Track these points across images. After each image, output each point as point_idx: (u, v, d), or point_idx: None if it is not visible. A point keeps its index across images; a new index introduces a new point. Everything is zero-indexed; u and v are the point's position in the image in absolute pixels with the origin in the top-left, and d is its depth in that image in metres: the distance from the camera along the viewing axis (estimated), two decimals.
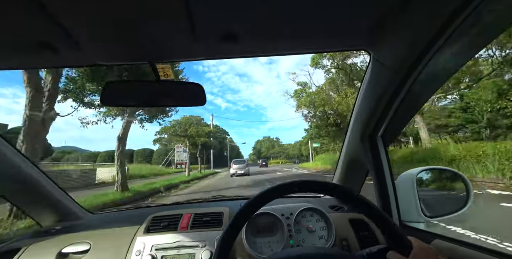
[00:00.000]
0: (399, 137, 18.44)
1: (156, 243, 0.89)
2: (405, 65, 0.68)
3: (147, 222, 1.01)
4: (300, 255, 0.52)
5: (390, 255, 0.48)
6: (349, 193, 0.52)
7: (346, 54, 15.16)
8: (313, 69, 20.34)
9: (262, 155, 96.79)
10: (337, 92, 17.28)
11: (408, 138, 21.80)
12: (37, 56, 0.68)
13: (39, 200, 1.11)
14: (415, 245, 0.47)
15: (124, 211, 1.40)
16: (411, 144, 21.21)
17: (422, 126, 14.35)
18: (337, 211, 1.11)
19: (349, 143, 1.10)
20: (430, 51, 0.61)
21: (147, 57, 0.70)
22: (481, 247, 0.64)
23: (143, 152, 44.05)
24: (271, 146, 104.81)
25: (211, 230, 0.95)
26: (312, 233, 0.97)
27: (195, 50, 0.68)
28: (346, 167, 1.20)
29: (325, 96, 17.59)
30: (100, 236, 0.98)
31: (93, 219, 1.24)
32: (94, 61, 0.72)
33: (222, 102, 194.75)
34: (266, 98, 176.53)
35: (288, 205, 1.06)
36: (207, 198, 1.47)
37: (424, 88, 0.79)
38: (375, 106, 0.86)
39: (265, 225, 0.98)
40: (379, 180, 0.96)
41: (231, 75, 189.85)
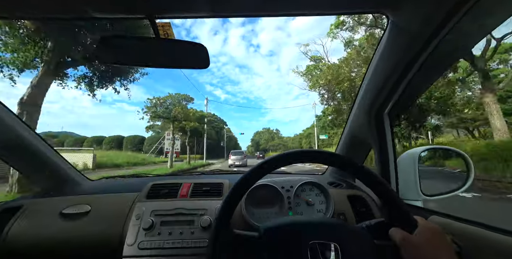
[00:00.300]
0: (413, 132, 14.91)
1: (156, 209, 0.90)
2: (427, 31, 0.62)
3: (147, 189, 1.01)
4: (295, 223, 0.52)
5: (393, 231, 0.47)
6: (357, 165, 0.50)
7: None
8: (330, 40, 17.29)
9: (261, 147, 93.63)
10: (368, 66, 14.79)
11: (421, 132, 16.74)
12: (25, 3, 0.61)
13: (40, 165, 1.11)
14: (420, 223, 0.47)
15: (123, 178, 1.41)
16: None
17: (495, 109, 9.36)
18: (335, 187, 1.11)
19: (355, 118, 1.07)
20: (454, 15, 0.56)
21: (145, 10, 0.64)
22: (475, 222, 0.64)
23: (133, 140, 39.96)
24: (271, 138, 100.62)
25: (211, 199, 0.96)
26: (311, 206, 0.98)
27: (199, 4, 0.62)
28: (349, 142, 1.18)
29: (350, 68, 13.57)
30: (100, 200, 0.99)
31: (92, 185, 1.25)
32: (87, 14, 0.66)
33: (222, 93, 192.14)
34: (265, 90, 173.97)
35: (289, 178, 1.06)
36: (207, 171, 1.49)
37: (441, 60, 0.74)
38: (386, 79, 0.81)
39: (265, 197, 0.99)
40: (382, 158, 0.95)
41: (231, 66, 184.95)
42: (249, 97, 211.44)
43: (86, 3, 0.60)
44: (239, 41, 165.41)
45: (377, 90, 0.87)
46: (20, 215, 0.89)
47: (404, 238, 0.45)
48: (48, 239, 0.85)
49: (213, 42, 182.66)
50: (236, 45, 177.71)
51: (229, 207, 0.48)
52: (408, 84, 0.80)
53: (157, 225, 0.85)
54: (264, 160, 0.50)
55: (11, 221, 0.87)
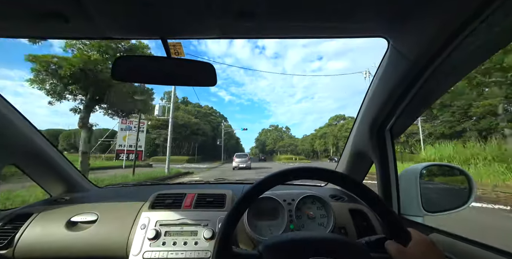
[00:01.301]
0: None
1: (161, 219, 0.93)
2: (425, 56, 0.65)
3: (152, 199, 1.04)
4: (295, 240, 0.53)
5: (388, 244, 0.49)
6: (355, 182, 0.52)
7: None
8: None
9: (268, 148, 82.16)
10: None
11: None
12: (46, 25, 0.67)
13: (49, 171, 1.15)
14: (414, 236, 0.48)
15: (129, 187, 1.44)
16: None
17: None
18: (337, 200, 1.12)
19: (357, 134, 1.09)
20: (453, 42, 0.58)
21: (159, 32, 0.69)
22: (478, 243, 0.64)
23: (70, 135, 28.26)
24: (279, 137, 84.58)
25: (214, 210, 0.98)
26: (312, 219, 0.99)
27: (209, 27, 0.66)
28: (351, 157, 1.20)
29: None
30: (107, 208, 1.02)
31: (99, 192, 1.29)
32: (105, 34, 0.71)
33: (226, 94, 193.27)
34: (270, 93, 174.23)
35: (291, 192, 1.07)
36: (210, 181, 1.51)
37: (440, 82, 0.76)
38: (387, 98, 0.84)
39: (267, 209, 1.00)
40: (383, 173, 0.96)
41: (236, 68, 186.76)
42: (253, 99, 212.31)
43: (107, 26, 0.65)
44: (245, 43, 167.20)
45: (378, 108, 0.89)
46: (31, 222, 0.92)
47: (398, 250, 0.46)
48: (56, 247, 0.88)
49: (219, 44, 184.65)
50: (241, 47, 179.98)
51: (232, 222, 0.49)
52: (410, 102, 0.82)
53: (161, 235, 0.87)
54: (263, 178, 0.52)
55: (22, 228, 0.90)
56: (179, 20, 0.64)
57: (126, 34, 0.72)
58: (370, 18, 0.63)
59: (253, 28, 0.68)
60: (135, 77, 0.72)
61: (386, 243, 0.49)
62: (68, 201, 1.09)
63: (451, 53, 0.61)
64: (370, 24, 0.66)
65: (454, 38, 0.57)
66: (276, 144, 79.09)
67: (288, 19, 0.63)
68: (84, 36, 0.74)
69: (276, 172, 0.51)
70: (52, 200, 1.11)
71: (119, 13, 0.61)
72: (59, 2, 0.57)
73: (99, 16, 0.61)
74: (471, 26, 0.53)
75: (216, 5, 0.57)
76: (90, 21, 0.63)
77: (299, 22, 0.66)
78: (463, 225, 2.05)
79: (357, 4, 0.57)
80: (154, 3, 0.57)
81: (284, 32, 0.71)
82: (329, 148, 56.15)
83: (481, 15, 0.49)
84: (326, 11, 0.60)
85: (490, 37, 0.57)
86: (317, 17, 0.63)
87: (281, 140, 79.81)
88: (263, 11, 0.59)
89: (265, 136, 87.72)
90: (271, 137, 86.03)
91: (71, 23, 0.64)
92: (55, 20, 0.62)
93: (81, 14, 0.60)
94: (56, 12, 0.60)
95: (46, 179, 1.18)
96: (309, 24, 0.66)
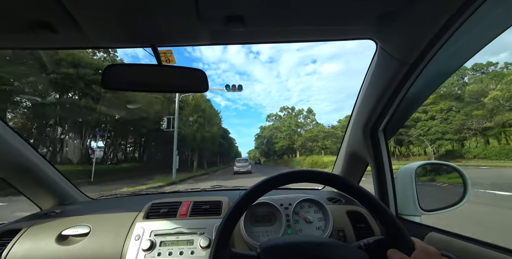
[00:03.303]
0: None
1: (155, 229, 0.90)
2: (412, 56, 0.66)
3: (146, 208, 1.02)
4: (294, 243, 0.52)
5: (391, 252, 0.47)
6: (353, 185, 0.52)
7: None
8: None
9: (277, 147, 45.26)
10: None
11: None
12: (35, 36, 0.66)
13: (39, 183, 1.12)
14: (417, 245, 0.47)
15: (123, 197, 1.41)
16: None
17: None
18: (334, 203, 1.12)
19: (351, 136, 1.10)
20: (438, 42, 0.60)
21: (149, 40, 0.69)
22: (475, 240, 0.64)
23: None
24: (294, 130, 43.79)
25: (210, 218, 0.96)
26: (309, 223, 0.98)
27: (199, 34, 0.66)
28: (346, 159, 1.20)
29: None
30: (100, 220, 0.99)
31: (92, 204, 1.25)
32: (94, 43, 0.70)
33: (222, 100, 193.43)
34: (265, 97, 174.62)
35: (287, 196, 1.06)
36: (206, 188, 1.49)
37: (429, 81, 0.78)
38: (378, 99, 0.85)
39: (264, 214, 0.99)
40: (379, 174, 0.96)
41: (231, 73, 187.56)
42: (249, 104, 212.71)
43: (96, 36, 0.65)
44: (239, 48, 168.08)
45: (370, 108, 0.90)
46: (20, 238, 0.89)
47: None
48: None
49: (213, 50, 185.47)
50: (236, 52, 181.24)
51: (227, 230, 0.48)
52: (400, 102, 0.83)
53: (156, 246, 0.85)
54: (259, 182, 0.52)
55: (10, 245, 0.87)
56: (169, 28, 0.64)
57: (116, 43, 0.72)
58: (357, 21, 0.64)
59: (243, 34, 0.68)
60: (126, 86, 0.71)
61: (389, 252, 0.48)
62: (59, 214, 1.06)
63: (437, 53, 0.63)
64: (358, 27, 0.67)
65: (438, 38, 0.59)
66: (293, 139, 42.27)
67: (277, 24, 0.64)
68: (73, 46, 0.73)
69: (268, 178, 0.51)
70: (42, 214, 1.07)
71: (108, 22, 0.61)
72: (46, 12, 0.56)
73: (87, 25, 0.61)
74: (454, 27, 0.54)
75: (205, 12, 0.57)
76: (78, 31, 0.62)
77: (289, 27, 0.66)
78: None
79: (344, 8, 0.59)
80: (143, 12, 0.57)
81: (274, 36, 0.71)
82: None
83: (463, 15, 0.51)
84: (315, 15, 0.61)
85: (472, 36, 0.58)
86: (306, 22, 0.64)
87: (308, 131, 40.63)
88: (252, 16, 0.60)
89: (269, 131, 50.16)
90: (285, 126, 45.44)
91: (60, 33, 0.64)
92: (43, 30, 0.61)
93: (70, 23, 0.59)
94: (43, 22, 0.59)
95: (36, 192, 1.15)
96: (298, 28, 0.67)
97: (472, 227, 3.25)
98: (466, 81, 29.79)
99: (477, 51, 0.67)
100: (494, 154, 20.45)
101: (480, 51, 0.66)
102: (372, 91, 0.86)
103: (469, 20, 0.52)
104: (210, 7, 0.56)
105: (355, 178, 1.21)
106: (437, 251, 0.46)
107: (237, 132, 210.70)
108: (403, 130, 26.23)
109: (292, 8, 0.58)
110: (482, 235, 0.74)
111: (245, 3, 0.55)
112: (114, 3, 0.53)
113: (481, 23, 0.54)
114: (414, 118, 26.10)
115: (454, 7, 0.51)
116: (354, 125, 1.04)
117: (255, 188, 0.51)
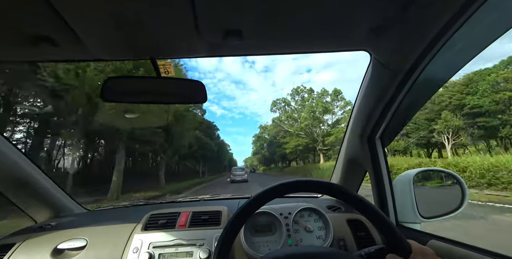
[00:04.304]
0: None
1: (154, 241, 0.89)
2: (405, 66, 0.68)
3: (145, 220, 1.00)
4: (295, 254, 0.52)
5: (389, 257, 0.48)
6: (351, 194, 0.52)
7: None
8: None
9: (288, 148, 31.30)
10: None
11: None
12: (36, 49, 0.67)
13: (34, 195, 1.10)
14: (414, 248, 0.48)
15: (121, 208, 1.39)
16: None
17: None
18: (334, 211, 1.11)
19: (348, 144, 1.11)
20: (429, 53, 0.62)
21: (149, 53, 0.70)
22: (476, 248, 0.64)
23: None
24: (319, 114, 27.08)
25: (209, 228, 0.95)
26: (310, 233, 0.97)
27: (197, 47, 0.68)
28: (344, 167, 1.20)
29: None
30: (97, 232, 0.97)
31: (89, 215, 1.23)
32: (95, 56, 0.72)
33: (218, 108, 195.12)
34: (261, 106, 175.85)
35: (287, 205, 1.06)
36: (205, 197, 1.47)
37: (423, 90, 0.80)
38: (374, 107, 0.86)
39: (264, 224, 0.98)
40: (377, 181, 0.97)
41: (227, 82, 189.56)
42: (245, 112, 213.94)
43: (96, 49, 0.66)
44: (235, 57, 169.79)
45: (366, 117, 0.92)
46: (13, 253, 0.86)
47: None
48: None
49: (210, 59, 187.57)
50: (232, 62, 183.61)
51: (227, 241, 0.48)
52: (396, 110, 0.85)
53: (155, 258, 0.83)
54: (259, 192, 0.52)
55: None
56: (168, 41, 0.65)
57: (116, 56, 0.73)
58: (351, 33, 0.66)
59: (240, 46, 0.70)
60: (125, 98, 0.72)
61: (387, 257, 0.49)
62: (54, 227, 1.04)
63: (429, 63, 0.65)
64: (352, 39, 0.70)
65: (430, 49, 0.61)
66: (317, 132, 28.02)
67: (274, 37, 0.66)
68: (73, 58, 0.74)
69: (268, 188, 0.51)
70: (37, 227, 1.04)
71: (109, 36, 0.62)
72: (48, 26, 0.57)
73: (88, 39, 0.62)
74: (445, 38, 0.56)
75: (203, 26, 0.59)
76: (79, 44, 0.63)
77: (286, 39, 0.68)
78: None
79: (339, 22, 0.61)
80: (143, 26, 0.58)
81: (271, 49, 0.73)
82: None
83: (453, 27, 0.53)
84: (310, 28, 0.63)
85: (463, 46, 0.61)
86: (302, 34, 0.66)
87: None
88: (250, 30, 0.62)
89: (274, 127, 36.93)
90: (304, 113, 28.80)
91: (60, 47, 0.65)
92: (44, 44, 0.62)
93: (71, 37, 0.60)
94: (45, 36, 0.60)
95: (31, 204, 1.12)
96: (295, 40, 0.70)
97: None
98: None
99: (469, 60, 0.69)
100: None
101: (472, 59, 0.69)
102: (367, 99, 0.87)
103: (459, 31, 0.54)
104: (209, 21, 0.58)
105: (354, 186, 1.21)
106: (433, 252, 0.47)
107: (233, 141, 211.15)
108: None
109: (289, 21, 0.60)
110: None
111: (243, 17, 0.57)
112: (114, 18, 0.55)
113: (471, 34, 0.56)
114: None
115: (443, 21, 0.53)
116: (351, 133, 1.05)
117: (256, 197, 0.51)
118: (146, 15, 0.55)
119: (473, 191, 6.66)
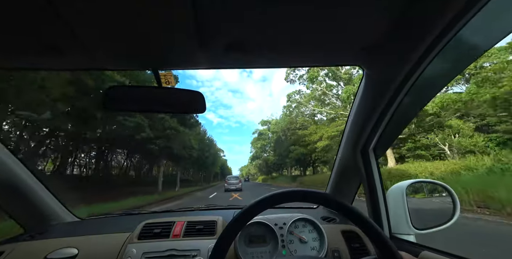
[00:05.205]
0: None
1: (148, 251, 0.87)
2: (395, 82, 0.72)
3: (139, 229, 0.99)
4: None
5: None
6: (344, 205, 0.53)
7: None
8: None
9: (309, 143, 21.10)
10: None
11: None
12: (42, 58, 0.69)
13: (25, 203, 1.07)
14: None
15: (114, 217, 1.36)
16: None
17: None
18: (329, 222, 1.11)
19: (343, 155, 1.13)
20: (419, 68, 0.66)
21: (151, 64, 0.72)
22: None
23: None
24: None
25: (204, 238, 0.94)
26: (304, 243, 0.97)
27: (198, 59, 0.70)
28: (339, 178, 1.22)
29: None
30: (89, 242, 0.95)
31: (81, 224, 1.20)
32: (99, 66, 0.74)
33: (215, 117, 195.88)
34: (258, 114, 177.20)
35: (282, 215, 1.06)
36: (200, 207, 1.46)
37: (413, 103, 0.84)
38: (367, 120, 0.90)
39: (258, 234, 0.98)
40: (371, 192, 0.98)
41: (224, 90, 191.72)
42: (242, 121, 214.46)
43: (101, 59, 0.69)
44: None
45: (360, 129, 0.95)
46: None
47: None
48: None
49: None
50: (230, 71, 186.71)
51: (221, 252, 0.47)
52: (389, 122, 0.88)
53: None
54: (253, 202, 0.52)
55: None
56: (170, 53, 0.68)
57: (120, 66, 0.76)
58: (346, 51, 0.71)
59: (242, 59, 0.73)
60: (127, 107, 0.74)
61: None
62: (44, 236, 1.01)
63: (418, 78, 0.69)
64: (346, 56, 0.74)
65: (419, 65, 0.65)
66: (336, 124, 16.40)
67: (275, 51, 0.69)
68: (78, 67, 0.76)
69: (262, 198, 0.52)
70: (26, 235, 1.02)
71: (115, 46, 0.64)
72: (55, 36, 0.59)
73: (93, 49, 0.64)
74: (433, 54, 0.60)
75: (205, 39, 0.62)
76: (84, 54, 0.66)
77: (286, 54, 0.72)
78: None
79: (334, 41, 0.65)
80: (147, 38, 0.61)
81: (271, 62, 0.77)
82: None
83: (440, 43, 0.57)
84: (309, 44, 0.67)
85: (452, 60, 0.65)
86: (299, 50, 0.70)
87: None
88: (251, 44, 0.65)
89: (286, 116, 28.41)
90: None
91: (66, 56, 0.67)
92: (50, 52, 0.64)
93: (76, 47, 0.62)
94: (51, 45, 0.62)
95: (21, 211, 1.10)
96: (295, 55, 0.73)
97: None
98: None
99: (459, 73, 0.74)
100: None
101: (461, 72, 0.73)
102: (361, 112, 0.91)
103: (446, 47, 0.58)
104: (211, 34, 0.60)
105: (348, 197, 1.22)
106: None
107: (229, 149, 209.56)
108: None
109: (289, 37, 0.63)
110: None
111: (245, 30, 0.60)
112: (120, 30, 0.57)
113: (458, 50, 0.61)
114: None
115: (430, 38, 0.57)
116: (346, 144, 1.08)
117: (250, 207, 0.51)
118: (151, 28, 0.57)
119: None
